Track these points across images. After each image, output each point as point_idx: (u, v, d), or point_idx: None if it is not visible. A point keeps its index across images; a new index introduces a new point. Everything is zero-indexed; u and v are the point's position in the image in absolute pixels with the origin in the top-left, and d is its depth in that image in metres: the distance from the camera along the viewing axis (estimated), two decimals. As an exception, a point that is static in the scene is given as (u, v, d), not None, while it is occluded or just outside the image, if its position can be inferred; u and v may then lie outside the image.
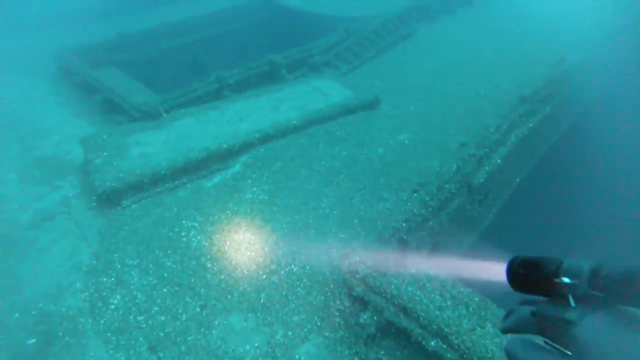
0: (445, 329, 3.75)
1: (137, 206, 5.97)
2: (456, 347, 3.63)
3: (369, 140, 7.25)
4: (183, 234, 5.51)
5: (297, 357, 4.21)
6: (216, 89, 7.91)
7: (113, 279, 4.94)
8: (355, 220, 5.69)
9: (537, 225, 9.04)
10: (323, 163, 6.70)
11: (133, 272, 5.02)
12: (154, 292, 4.79)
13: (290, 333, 4.40)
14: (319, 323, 4.50)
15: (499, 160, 6.43)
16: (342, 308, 4.61)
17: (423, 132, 7.42)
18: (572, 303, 0.96)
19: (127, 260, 5.17)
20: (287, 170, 6.54)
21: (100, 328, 4.44)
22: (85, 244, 5.45)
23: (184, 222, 5.68)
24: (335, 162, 6.74)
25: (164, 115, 7.58)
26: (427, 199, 5.25)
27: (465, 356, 3.61)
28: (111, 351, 4.24)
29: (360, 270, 4.31)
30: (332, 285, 4.85)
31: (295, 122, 7.20)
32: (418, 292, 4.30)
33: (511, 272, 1.12)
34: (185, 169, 6.30)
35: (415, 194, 5.41)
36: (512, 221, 6.50)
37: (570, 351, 0.90)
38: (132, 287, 4.85)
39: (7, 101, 9.17)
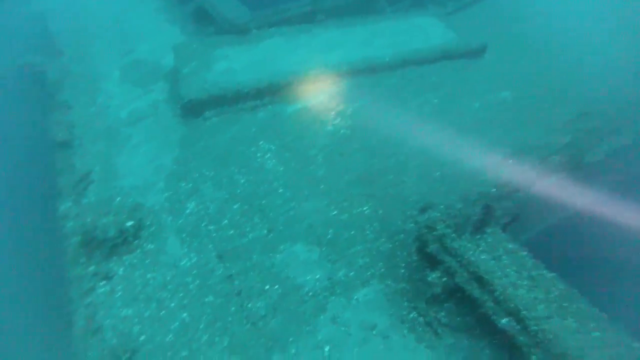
0: (523, 311, 3.43)
1: (217, 120, 5.99)
2: (533, 333, 3.32)
3: (465, 92, 6.57)
4: (259, 155, 5.49)
5: (355, 297, 4.16)
6: (310, 11, 7.45)
7: (190, 186, 5.10)
8: (438, 173, 5.29)
9: None
10: (411, 108, 6.22)
11: (208, 183, 5.14)
12: (225, 206, 4.89)
13: (352, 274, 4.33)
14: (382, 270, 4.37)
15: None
16: (409, 261, 4.42)
17: (531, 92, 6.55)
18: None
19: (204, 170, 5.29)
20: (372, 109, 6.16)
21: (177, 228, 4.67)
22: (168, 149, 5.63)
23: (260, 143, 5.64)
24: (423, 109, 6.23)
25: (254, 31, 7.34)
26: (524, 167, 4.69)
27: (540, 345, 3.30)
28: (186, 250, 4.47)
29: (438, 227, 4.01)
30: (402, 235, 4.64)
31: (388, 59, 6.66)
32: (492, 262, 3.97)
33: None
34: (269, 90, 6.14)
35: (511, 161, 4.84)
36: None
37: None
38: (205, 197, 4.99)
39: (109, 3, 9.42)
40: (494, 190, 4.39)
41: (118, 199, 4.78)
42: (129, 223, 4.35)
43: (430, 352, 3.82)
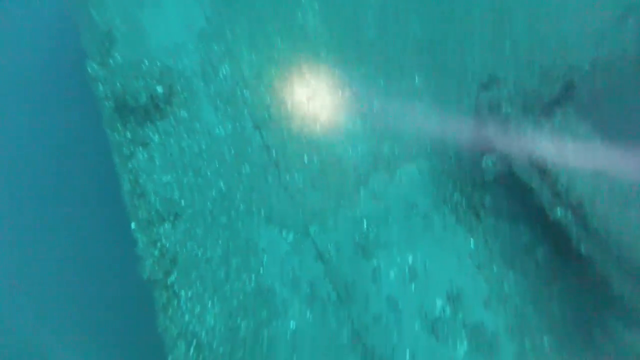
0: (587, 204, 3.10)
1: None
2: (592, 230, 3.05)
3: None
4: (300, 13, 4.77)
5: (398, 174, 3.96)
6: None
7: (223, 48, 4.63)
8: (509, 42, 4.46)
9: None
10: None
11: (243, 45, 4.63)
12: (262, 71, 4.47)
13: (397, 150, 4.05)
14: (429, 149, 4.05)
15: None
16: (459, 140, 4.03)
17: None
18: None
19: (239, 30, 4.72)
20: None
21: (211, 93, 4.40)
22: (199, 6, 4.99)
23: (302, 0, 4.86)
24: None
25: None
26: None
27: (597, 242, 3.06)
28: (220, 117, 4.28)
29: (503, 107, 3.49)
30: (456, 111, 4.16)
31: None
32: (552, 147, 3.52)
33: None
34: None
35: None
36: None
37: None
38: (240, 60, 4.55)
39: None
40: (587, 65, 3.64)
41: (146, 62, 4.41)
42: (160, 89, 4.10)
43: (469, 235, 3.72)
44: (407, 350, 3.27)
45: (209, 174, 4.01)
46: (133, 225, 3.67)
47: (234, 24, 4.81)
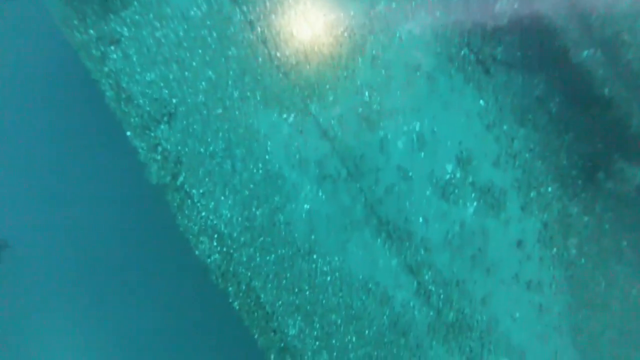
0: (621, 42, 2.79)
1: None
2: (621, 69, 2.79)
3: None
4: None
5: (397, 34, 3.57)
6: None
7: None
8: None
9: None
10: None
11: None
12: None
13: (394, 5, 3.57)
14: (431, -1, 3.56)
15: None
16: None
17: None
18: None
19: None
20: None
21: (173, -34, 3.77)
22: None
23: None
24: None
25: None
26: None
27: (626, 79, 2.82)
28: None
29: None
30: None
31: None
32: None
33: None
34: None
35: None
36: None
37: None
38: None
39: None
40: None
41: None
42: None
43: (477, 94, 3.51)
44: (420, 217, 3.39)
45: (194, 64, 3.68)
46: (129, 133, 3.53)
47: None
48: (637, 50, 2.71)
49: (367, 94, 3.50)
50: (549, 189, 3.37)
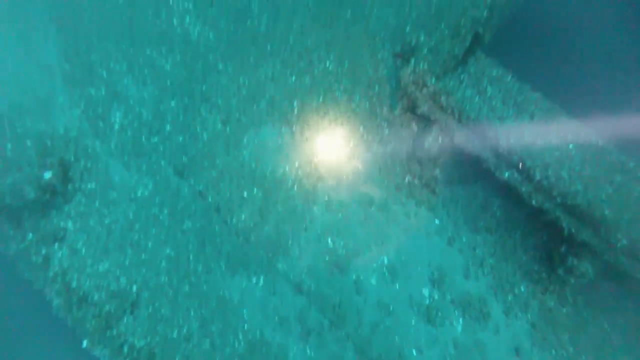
0: (528, 161, 3.16)
1: (97, -24, 4.20)
2: (537, 184, 3.14)
3: None
4: (175, 21, 4.07)
5: (344, 176, 3.77)
6: None
7: (104, 91, 3.91)
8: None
9: None
10: None
11: (125, 81, 3.94)
12: (161, 107, 3.88)
13: (335, 150, 3.81)
14: (365, 136, 3.86)
15: None
16: (389, 117, 3.87)
17: None
18: None
19: (112, 63, 3.97)
20: None
21: (114, 151, 3.77)
22: (40, 36, 4.05)
23: (171, 2, 4.12)
24: None
25: None
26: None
27: (542, 190, 3.17)
28: (136, 176, 3.73)
29: (428, 83, 3.32)
30: (377, 87, 3.94)
31: None
32: (477, 99, 3.51)
33: None
34: None
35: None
36: None
37: None
38: (131, 101, 3.89)
39: None
40: (486, 12, 3.49)
41: (9, 145, 3.52)
42: (47, 174, 3.38)
43: (431, 213, 3.73)
44: (413, 348, 3.36)
45: (149, 244, 3.57)
46: (85, 343, 3.22)
47: (102, 54, 4.03)
48: (542, 171, 3.10)
49: (329, 240, 3.58)
50: (522, 288, 3.54)
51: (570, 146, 3.28)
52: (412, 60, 3.48)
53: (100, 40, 4.03)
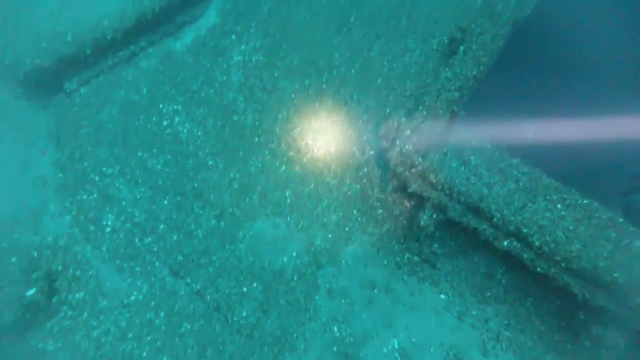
0: (524, 229, 3.24)
1: (88, 90, 4.42)
2: (537, 250, 3.20)
3: None
4: (165, 123, 4.25)
5: (343, 261, 3.74)
6: None
7: (95, 195, 3.90)
8: (380, 80, 4.54)
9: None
10: (325, 2, 5.02)
11: (117, 184, 3.96)
12: (153, 207, 3.87)
13: (330, 235, 3.82)
14: (359, 218, 3.91)
15: None
16: (381, 197, 3.96)
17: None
18: None
19: (104, 168, 4.02)
20: (280, 16, 4.89)
21: (105, 256, 3.65)
22: (37, 151, 4.13)
23: (161, 106, 4.33)
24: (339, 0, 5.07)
25: None
26: (480, 53, 4.06)
27: (543, 255, 3.21)
28: (129, 279, 3.57)
29: (416, 162, 3.48)
30: (366, 169, 4.09)
31: None
32: (462, 169, 3.67)
33: None
34: (140, 25, 4.51)
35: (462, 47, 4.15)
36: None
37: None
38: (123, 203, 3.87)
39: None
40: (457, 94, 3.81)
41: None
42: (30, 292, 3.18)
43: (435, 288, 3.68)
44: None
45: (144, 354, 3.31)
46: None
47: (94, 160, 4.08)
48: (540, 237, 3.19)
49: (335, 329, 3.43)
50: (548, 358, 3.39)
51: (559, 206, 3.38)
52: (398, 142, 3.66)
53: (94, 148, 4.11)
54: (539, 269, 3.26)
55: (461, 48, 4.14)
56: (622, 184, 4.41)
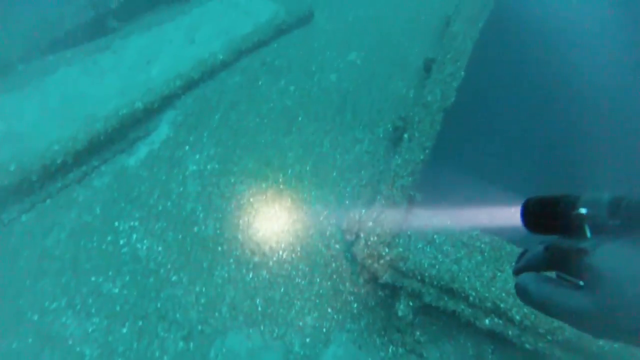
0: (502, 305, 3.27)
1: (32, 216, 4.16)
2: (522, 326, 3.20)
3: (315, 67, 5.95)
4: (122, 242, 4.04)
5: (325, 365, 3.50)
6: (94, 18, 5.58)
7: (31, 340, 3.46)
8: (335, 173, 4.72)
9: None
10: (272, 105, 5.35)
11: (64, 319, 3.57)
12: (109, 339, 3.49)
13: (308, 340, 3.61)
14: (335, 316, 3.76)
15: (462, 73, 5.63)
16: (355, 290, 3.89)
17: (375, 46, 6.29)
18: (589, 234, 0.90)
19: (47, 303, 3.64)
20: (231, 122, 5.10)
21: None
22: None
23: (116, 224, 4.15)
24: (286, 101, 5.43)
25: (20, 68, 5.26)
26: (423, 139, 4.41)
27: (527, 329, 3.21)
28: None
29: (383, 253, 3.50)
30: (334, 264, 4.05)
31: (221, 56, 5.51)
32: (428, 249, 3.75)
33: (526, 212, 1.10)
34: (92, 146, 4.48)
35: (406, 134, 4.50)
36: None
37: (583, 281, 0.82)
38: (70, 341, 3.47)
39: None
40: (411, 178, 4.03)
41: None
42: None
43: (426, 381, 3.49)
44: None
45: None
46: None
47: (36, 295, 3.68)
48: (519, 311, 3.22)
49: None
50: None
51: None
52: (362, 235, 3.70)
53: (35, 281, 3.76)
54: (527, 345, 3.23)
55: (405, 135, 4.48)
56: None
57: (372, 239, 3.60)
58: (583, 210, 0.93)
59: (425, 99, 4.78)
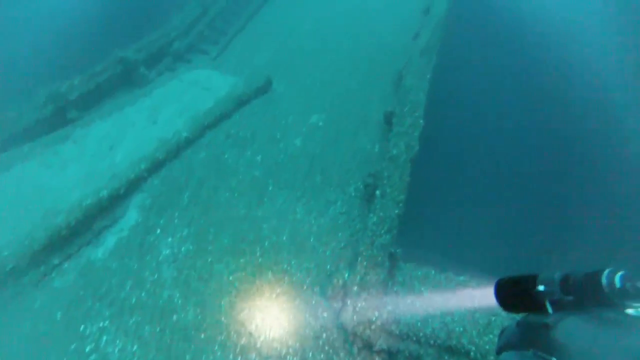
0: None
1: (-10, 325, 3.80)
2: None
3: (279, 133, 6.06)
4: (89, 348, 3.70)
5: None
6: (54, 112, 5.52)
7: None
8: (312, 238, 4.65)
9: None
10: (240, 177, 5.33)
11: None
12: None
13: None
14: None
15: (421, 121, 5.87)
16: (350, 361, 3.70)
17: (334, 106, 6.51)
18: (550, 310, 1.03)
19: None
20: (201, 200, 5.02)
21: None
22: None
23: (82, 327, 3.82)
24: (254, 172, 5.43)
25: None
26: (395, 193, 4.47)
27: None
28: None
29: (372, 317, 3.40)
30: (324, 335, 3.86)
31: (185, 133, 5.54)
32: (418, 303, 3.69)
33: (499, 293, 1.21)
34: (51, 244, 4.24)
35: (378, 191, 4.56)
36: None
37: (554, 356, 0.89)
38: None
39: None
40: (389, 236, 4.02)
41: None
42: None
43: None
44: None
45: None
46: None
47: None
48: None
49: None
50: None
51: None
52: (348, 301, 3.59)
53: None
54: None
55: (377, 192, 4.53)
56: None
57: (359, 304, 3.49)
58: (541, 287, 1.06)
59: (391, 153, 4.91)
